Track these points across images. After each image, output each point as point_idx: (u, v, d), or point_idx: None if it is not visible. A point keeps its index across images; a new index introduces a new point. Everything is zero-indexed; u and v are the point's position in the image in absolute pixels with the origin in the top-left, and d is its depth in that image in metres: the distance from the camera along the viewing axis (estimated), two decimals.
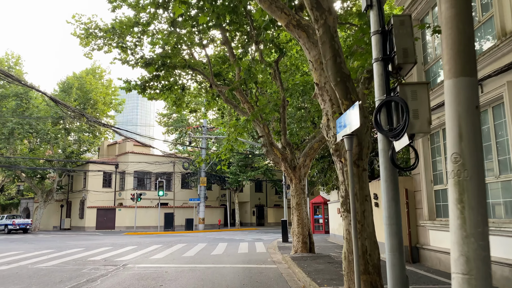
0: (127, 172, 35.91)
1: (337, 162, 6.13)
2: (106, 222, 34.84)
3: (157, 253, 13.84)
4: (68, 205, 38.69)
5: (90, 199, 35.14)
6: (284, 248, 15.24)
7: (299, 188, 12.39)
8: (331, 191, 18.44)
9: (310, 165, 12.62)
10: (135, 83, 12.78)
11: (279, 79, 11.35)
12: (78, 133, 34.14)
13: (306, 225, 12.27)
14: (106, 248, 15.78)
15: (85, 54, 13.61)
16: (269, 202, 44.88)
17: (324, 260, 10.65)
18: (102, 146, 43.39)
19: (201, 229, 33.30)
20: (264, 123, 12.36)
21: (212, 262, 11.32)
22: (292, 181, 12.56)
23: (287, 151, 12.56)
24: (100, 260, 11.83)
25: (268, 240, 20.22)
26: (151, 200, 36.29)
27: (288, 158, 12.52)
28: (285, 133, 12.34)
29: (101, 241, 20.39)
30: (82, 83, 34.32)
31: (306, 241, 12.15)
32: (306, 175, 12.63)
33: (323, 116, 6.50)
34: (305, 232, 12.20)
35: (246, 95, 12.98)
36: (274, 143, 12.61)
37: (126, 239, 22.13)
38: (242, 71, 12.11)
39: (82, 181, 36.74)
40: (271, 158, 12.98)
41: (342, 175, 5.95)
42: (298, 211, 12.27)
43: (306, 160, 12.46)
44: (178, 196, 37.87)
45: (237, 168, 35.50)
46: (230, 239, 21.53)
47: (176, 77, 13.46)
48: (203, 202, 34.20)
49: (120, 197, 36.76)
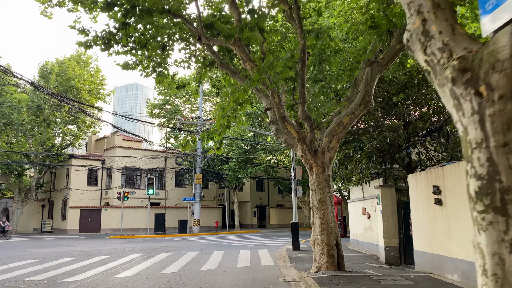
0: (115, 168, 32.33)
1: (461, 98, 2.56)
2: (90, 224, 31.26)
3: (128, 268, 10.31)
4: (50, 205, 35.10)
5: (73, 198, 31.57)
6: (297, 259, 11.71)
7: (323, 179, 8.88)
8: (353, 187, 14.90)
9: (337, 148, 9.10)
10: (96, 36, 9.27)
11: (297, 19, 7.80)
12: (59, 124, 30.37)
13: (333, 231, 8.76)
14: (67, 260, 12.24)
15: (42, 13, 10.14)
16: (271, 202, 41.33)
17: (367, 285, 7.12)
18: (90, 141, 39.81)
19: (196, 232, 29.75)
20: (273, 90, 8.84)
21: (200, 286, 7.81)
22: (312, 169, 9.04)
23: (305, 128, 9.05)
24: (38, 282, 8.30)
25: (273, 247, 16.72)
26: (141, 199, 32.72)
27: (307, 138, 9.02)
28: (304, 101, 8.83)
29: (71, 248, 16.85)
30: (64, 68, 30.72)
31: (333, 254, 8.63)
32: (332, 162, 9.12)
33: (411, 18, 3.02)
34: (332, 241, 8.68)
35: (249, 51, 9.48)
36: (287, 117, 9.09)
37: (104, 244, 18.59)
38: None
39: (65, 179, 33.16)
40: (283, 139, 9.47)
41: (478, 127, 2.41)
42: (321, 211, 8.76)
43: (331, 141, 8.95)
44: (171, 195, 34.31)
45: (236, 164, 31.95)
46: (228, 245, 18.01)
47: (153, 30, 9.95)
48: (199, 201, 30.65)
49: (106, 196, 33.19)
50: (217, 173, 34.43)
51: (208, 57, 11.75)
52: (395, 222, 11.48)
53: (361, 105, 8.72)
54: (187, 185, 35.83)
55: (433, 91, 10.77)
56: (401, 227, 11.36)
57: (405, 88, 11.68)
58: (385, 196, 11.61)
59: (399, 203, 11.55)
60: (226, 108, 8.70)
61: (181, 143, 9.32)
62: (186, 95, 36.07)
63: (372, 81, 8.69)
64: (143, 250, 15.19)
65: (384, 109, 11.87)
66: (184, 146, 9.48)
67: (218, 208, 37.47)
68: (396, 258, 11.37)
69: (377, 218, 12.34)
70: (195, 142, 9.31)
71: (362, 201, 13.94)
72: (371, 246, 13.09)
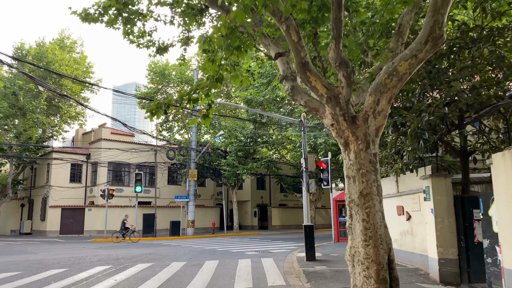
0: (100, 163, 29.10)
1: None
2: (73, 225, 28.03)
3: None
4: (30, 204, 31.86)
5: (53, 196, 28.34)
6: (317, 276, 8.56)
7: (366, 160, 5.69)
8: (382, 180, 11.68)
9: (387, 113, 5.91)
10: None
11: None
12: (36, 113, 27.05)
13: (384, 240, 5.59)
14: (4, 276, 9.06)
15: None
16: (273, 201, 38.11)
17: None
18: (77, 134, 36.57)
19: (190, 234, 26.57)
20: (289, 23, 5.65)
21: None
22: (348, 146, 5.86)
23: (340, 80, 5.85)
24: None
25: (279, 254, 13.56)
26: (130, 198, 29.50)
27: (342, 97, 5.84)
28: (340, 35, 5.63)
29: (30, 256, 13.65)
30: (43, 51, 27.46)
31: (385, 277, 5.44)
32: (379, 134, 5.93)
33: None
34: (383, 256, 5.51)
35: None
36: (311, 65, 5.87)
37: (75, 251, 15.39)
38: None
39: (46, 175, 29.93)
40: (303, 101, 6.31)
41: None
42: (365, 210, 5.59)
43: (379, 101, 5.79)
44: (163, 193, 31.10)
45: (235, 158, 28.74)
46: (224, 252, 14.83)
47: None
48: (193, 200, 27.48)
49: (91, 194, 29.96)
50: (214, 168, 31.22)
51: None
52: (453, 225, 8.33)
53: (427, 43, 5.51)
54: (181, 182, 32.64)
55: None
56: (462, 232, 8.20)
57: (451, 51, 8.61)
58: (438, 189, 8.46)
59: (458, 199, 8.39)
60: (217, 58, 5.67)
61: (149, 109, 6.16)
62: (180, 84, 32.79)
63: (445, 4, 5.51)
64: (115, 260, 11.99)
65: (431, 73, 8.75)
66: (154, 113, 6.39)
67: (216, 208, 34.25)
68: (455, 274, 8.22)
69: (422, 220, 9.18)
70: (169, 107, 6.12)
71: (397, 198, 10.75)
72: (412, 257, 9.91)
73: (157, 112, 6.25)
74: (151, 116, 6.29)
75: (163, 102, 6.27)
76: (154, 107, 6.23)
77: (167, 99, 6.24)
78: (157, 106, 6.22)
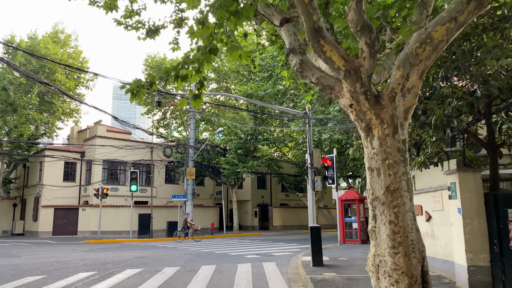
0: (95, 161, 28.01)
1: None
2: (66, 225, 26.93)
3: None
4: (22, 204, 30.76)
5: (46, 196, 27.25)
6: (326, 285, 7.47)
7: (394, 148, 4.61)
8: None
9: (418, 90, 4.80)
10: None
11: None
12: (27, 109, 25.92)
13: (416, 247, 4.52)
14: None
15: None
16: (275, 201, 37.00)
17: None
18: (72, 132, 35.50)
19: None
20: None
21: None
22: (371, 131, 4.78)
23: (362, 49, 4.75)
24: None
25: (282, 257, 12.47)
26: (125, 197, 28.39)
27: (364, 69, 4.75)
28: None
29: (9, 260, 12.57)
30: (34, 45, 26.37)
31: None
32: (409, 116, 4.84)
33: None
34: (415, 267, 4.44)
35: None
36: (325, 31, 4.78)
37: (61, 254, 14.31)
38: None
39: (38, 173, 28.84)
40: (315, 77, 5.21)
41: None
42: (392, 209, 4.52)
43: (409, 76, 4.71)
44: (160, 192, 30.02)
45: (235, 156, 27.64)
46: (223, 255, 13.73)
47: None
48: (191, 199, 26.34)
49: (85, 194, 28.87)
50: (213, 167, 30.12)
51: None
52: (484, 227, 7.23)
53: (470, 1, 4.42)
54: (179, 181, 31.54)
55: None
56: (495, 235, 7.11)
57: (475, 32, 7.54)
58: (466, 185, 7.37)
59: (490, 197, 7.30)
60: (211, 25, 4.62)
61: (128, 89, 5.09)
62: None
63: None
64: (102, 265, 10.89)
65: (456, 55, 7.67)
66: (135, 94, 5.34)
67: (215, 208, 33.14)
68: (487, 284, 7.12)
69: (445, 221, 8.10)
70: (153, 85, 5.05)
71: (415, 196, 9.66)
72: (433, 262, 8.82)
73: (138, 92, 5.18)
74: (132, 98, 5.22)
75: (145, 79, 5.20)
76: (134, 86, 5.16)
77: (150, 76, 5.17)
78: (138, 85, 5.15)
